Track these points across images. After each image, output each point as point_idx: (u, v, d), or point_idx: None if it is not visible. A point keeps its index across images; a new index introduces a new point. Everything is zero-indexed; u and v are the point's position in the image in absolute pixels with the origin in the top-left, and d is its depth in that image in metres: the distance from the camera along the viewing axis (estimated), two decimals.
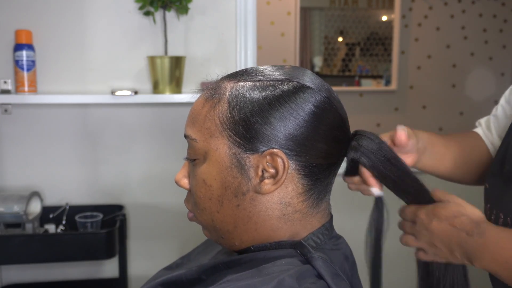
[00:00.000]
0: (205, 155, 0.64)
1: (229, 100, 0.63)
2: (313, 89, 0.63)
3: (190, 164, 0.68)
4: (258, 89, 0.62)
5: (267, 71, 0.66)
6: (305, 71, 0.67)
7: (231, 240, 0.67)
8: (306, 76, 0.66)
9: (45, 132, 1.72)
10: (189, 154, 0.67)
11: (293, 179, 0.63)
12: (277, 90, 0.62)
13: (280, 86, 0.63)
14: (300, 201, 0.64)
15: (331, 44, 5.14)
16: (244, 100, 0.62)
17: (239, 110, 0.62)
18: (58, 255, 1.51)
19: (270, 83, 0.63)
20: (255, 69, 0.67)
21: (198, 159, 0.65)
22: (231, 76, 0.66)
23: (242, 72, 0.66)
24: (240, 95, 0.62)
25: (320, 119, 0.62)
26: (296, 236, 0.66)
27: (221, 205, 0.64)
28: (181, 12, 1.66)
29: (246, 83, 0.64)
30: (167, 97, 1.64)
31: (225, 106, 0.62)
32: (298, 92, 0.62)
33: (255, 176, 0.62)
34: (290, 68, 0.67)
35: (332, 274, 0.61)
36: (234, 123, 0.62)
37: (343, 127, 0.66)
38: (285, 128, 0.61)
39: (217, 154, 0.63)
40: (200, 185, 0.65)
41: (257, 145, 0.61)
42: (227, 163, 0.63)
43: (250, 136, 0.61)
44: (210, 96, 0.65)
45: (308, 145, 0.62)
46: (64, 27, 1.67)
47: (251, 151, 0.62)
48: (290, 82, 0.63)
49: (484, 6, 4.38)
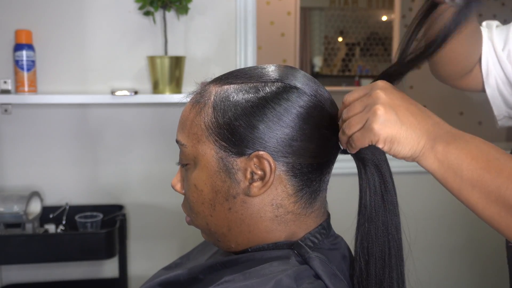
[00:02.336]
0: (195, 160, 0.65)
1: (214, 104, 0.63)
2: (298, 89, 0.63)
3: (183, 169, 0.69)
4: (242, 92, 0.62)
5: (252, 72, 0.65)
6: (294, 70, 0.67)
7: (227, 243, 0.67)
8: (293, 76, 0.65)
9: (45, 132, 1.72)
10: (181, 159, 0.68)
11: (282, 181, 0.63)
12: (260, 92, 0.62)
13: (264, 88, 0.62)
14: (292, 202, 0.64)
15: (331, 44, 5.14)
16: (228, 104, 0.62)
17: (223, 114, 0.62)
18: (58, 255, 1.51)
19: (254, 85, 0.63)
20: (241, 71, 0.66)
21: (189, 164, 0.66)
22: (217, 79, 0.66)
23: (228, 75, 0.66)
24: (224, 98, 0.63)
25: (306, 119, 0.62)
26: (293, 237, 0.66)
27: (213, 209, 0.65)
28: (181, 12, 1.67)
29: (231, 86, 0.64)
30: (167, 97, 1.64)
31: (210, 110, 0.63)
32: (282, 93, 0.62)
33: (244, 179, 0.62)
34: (277, 68, 0.66)
35: (329, 274, 0.61)
36: (219, 127, 0.62)
37: (333, 126, 0.65)
38: (269, 130, 0.61)
39: (205, 159, 0.64)
40: (192, 190, 0.66)
41: (243, 148, 0.61)
42: (215, 167, 0.63)
43: (235, 139, 0.61)
44: (196, 102, 0.65)
45: (294, 145, 0.62)
46: (64, 27, 1.67)
47: (237, 155, 0.62)
48: (274, 83, 0.63)
49: (484, 6, 4.37)
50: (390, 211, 0.62)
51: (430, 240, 1.99)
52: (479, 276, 2.07)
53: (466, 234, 2.04)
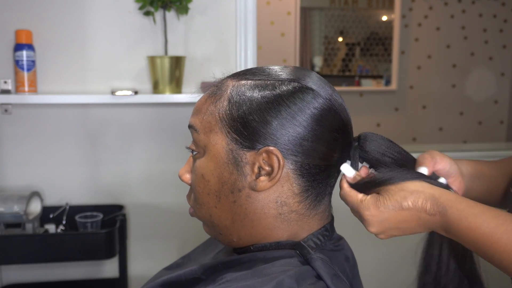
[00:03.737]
0: (204, 149, 0.66)
1: (229, 97, 0.64)
2: (314, 91, 0.64)
3: (191, 161, 0.70)
4: (258, 88, 0.63)
5: (270, 71, 0.66)
6: (310, 73, 0.68)
7: (229, 236, 0.67)
8: (310, 77, 0.66)
9: (45, 132, 1.72)
10: (191, 145, 0.68)
11: (289, 179, 0.63)
12: (276, 90, 0.63)
13: (280, 86, 0.63)
14: (296, 202, 0.65)
15: (331, 44, 5.14)
16: (243, 98, 0.63)
17: (238, 108, 0.63)
18: (58, 255, 1.51)
19: (271, 82, 0.64)
20: (259, 69, 0.68)
21: (199, 153, 0.67)
22: (235, 75, 0.68)
23: (246, 71, 0.68)
24: (240, 93, 0.64)
25: (319, 121, 0.63)
26: (295, 237, 0.66)
27: (218, 200, 0.65)
28: (181, 12, 1.67)
29: (248, 81, 0.65)
30: (167, 97, 1.64)
31: (225, 103, 0.64)
32: (298, 93, 0.63)
33: (251, 173, 0.63)
34: (294, 69, 0.68)
35: (331, 275, 0.62)
36: (232, 120, 0.63)
37: (344, 130, 0.66)
38: (282, 127, 0.61)
39: (215, 149, 0.64)
40: (199, 180, 0.66)
41: (254, 142, 0.62)
42: (224, 158, 0.64)
43: (247, 133, 0.62)
44: (213, 93, 0.66)
45: (305, 145, 0.62)
46: (64, 27, 1.67)
47: (247, 148, 0.63)
48: (291, 82, 0.64)
49: (484, 6, 4.38)
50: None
51: None
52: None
53: None
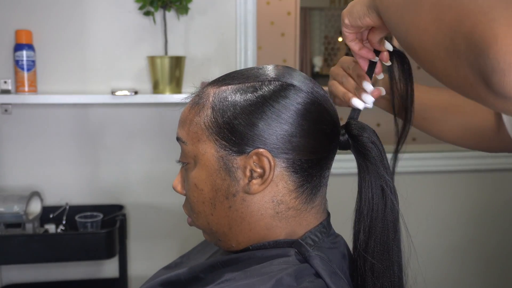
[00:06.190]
0: (195, 159, 0.66)
1: (213, 105, 0.64)
2: (295, 86, 0.64)
3: (183, 170, 0.70)
4: (240, 92, 0.64)
5: (249, 73, 0.67)
6: (290, 69, 0.68)
7: (228, 242, 0.68)
8: (289, 74, 0.66)
9: (45, 132, 1.72)
10: (181, 157, 0.69)
11: (283, 177, 0.64)
12: (258, 91, 0.63)
13: (261, 86, 0.64)
14: (293, 198, 0.65)
15: (331, 44, 5.14)
16: (226, 104, 0.63)
17: (222, 114, 0.63)
18: (58, 255, 1.52)
19: (251, 84, 0.64)
20: (238, 72, 0.68)
21: (189, 164, 0.67)
22: (215, 81, 0.68)
23: (225, 77, 0.68)
24: (223, 99, 0.64)
25: (304, 115, 0.63)
26: (293, 235, 0.66)
27: (214, 208, 0.66)
28: (181, 12, 1.67)
29: (228, 86, 0.65)
30: (167, 97, 1.64)
31: (209, 111, 0.64)
32: (280, 91, 0.63)
33: (243, 177, 0.63)
34: (274, 68, 0.68)
35: (330, 272, 0.62)
36: (219, 127, 0.63)
37: (331, 121, 0.66)
38: (268, 128, 0.62)
39: (205, 158, 0.65)
40: (193, 190, 0.67)
41: (243, 146, 0.62)
42: (215, 166, 0.64)
43: (236, 138, 0.62)
44: (195, 103, 0.67)
45: (294, 142, 0.62)
46: (64, 27, 1.67)
47: (237, 153, 0.63)
48: (271, 82, 0.64)
49: None
50: (389, 207, 0.65)
51: (431, 240, 1.99)
52: (479, 276, 2.07)
53: (467, 234, 2.04)
